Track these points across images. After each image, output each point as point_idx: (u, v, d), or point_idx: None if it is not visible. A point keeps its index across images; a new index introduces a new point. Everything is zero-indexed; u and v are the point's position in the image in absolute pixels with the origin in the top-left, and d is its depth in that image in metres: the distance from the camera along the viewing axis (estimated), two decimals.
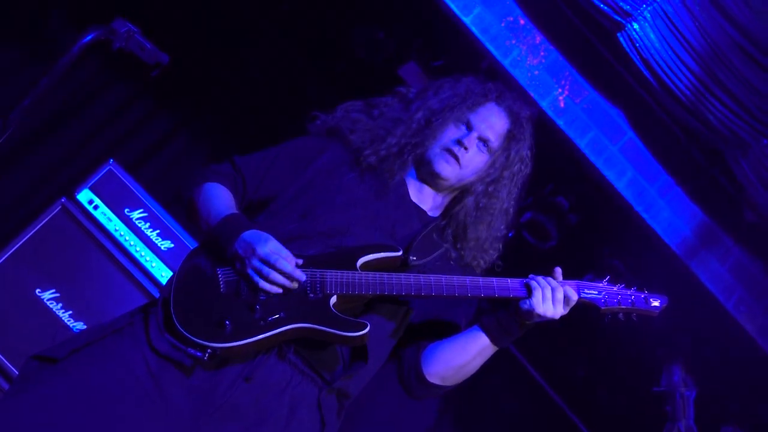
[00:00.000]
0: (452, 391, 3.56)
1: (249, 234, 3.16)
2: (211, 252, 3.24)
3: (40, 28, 5.57)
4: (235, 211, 3.31)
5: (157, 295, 3.24)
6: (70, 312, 5.33)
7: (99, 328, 3.24)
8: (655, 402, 5.77)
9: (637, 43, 5.10)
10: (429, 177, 3.54)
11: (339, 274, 3.18)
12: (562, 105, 5.44)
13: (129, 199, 5.54)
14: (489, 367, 3.52)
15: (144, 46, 3.50)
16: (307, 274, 3.15)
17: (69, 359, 3.09)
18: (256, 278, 3.10)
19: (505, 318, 3.33)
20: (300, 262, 3.16)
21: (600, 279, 3.42)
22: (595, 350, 5.82)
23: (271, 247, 3.11)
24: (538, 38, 5.45)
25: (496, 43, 5.38)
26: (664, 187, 5.55)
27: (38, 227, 5.38)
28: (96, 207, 5.46)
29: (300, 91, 6.11)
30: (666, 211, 5.55)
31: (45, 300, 5.31)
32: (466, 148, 3.50)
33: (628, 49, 5.15)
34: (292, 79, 6.27)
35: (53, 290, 5.33)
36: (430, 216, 3.56)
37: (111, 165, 5.53)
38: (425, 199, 3.58)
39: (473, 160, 3.54)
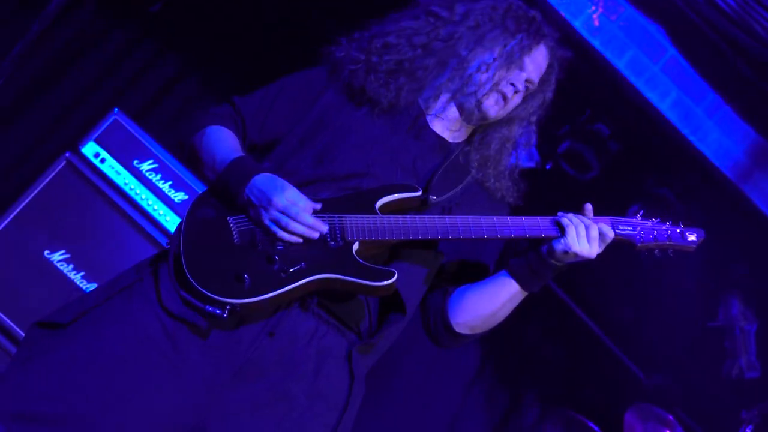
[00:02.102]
0: (492, 339, 3.52)
1: (261, 180, 3.10)
2: (220, 199, 3.19)
3: None
4: (241, 153, 3.25)
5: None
6: (83, 273, 5.32)
7: (105, 287, 3.20)
8: (712, 338, 5.75)
9: None
10: (467, 112, 3.47)
11: (358, 218, 3.14)
12: (596, 23, 5.37)
13: (137, 150, 5.50)
14: (531, 310, 3.53)
15: None
16: (325, 221, 3.10)
17: (76, 323, 3.06)
18: (274, 228, 3.05)
19: (536, 260, 3.27)
20: (318, 206, 3.11)
21: (647, 210, 3.39)
22: (643, 286, 5.78)
23: (289, 196, 3.05)
24: None
25: None
26: (711, 107, 5.50)
27: (42, 185, 5.36)
28: (103, 160, 5.43)
29: (314, 24, 6.02)
30: (715, 132, 5.49)
31: (55, 262, 5.30)
32: (517, 91, 3.46)
33: None
34: (305, 12, 6.17)
35: (63, 251, 5.32)
36: (451, 143, 3.50)
37: (116, 114, 5.48)
38: (447, 127, 3.51)
39: (516, 100, 3.50)
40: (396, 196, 3.24)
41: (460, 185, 3.40)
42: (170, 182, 5.49)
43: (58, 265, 5.29)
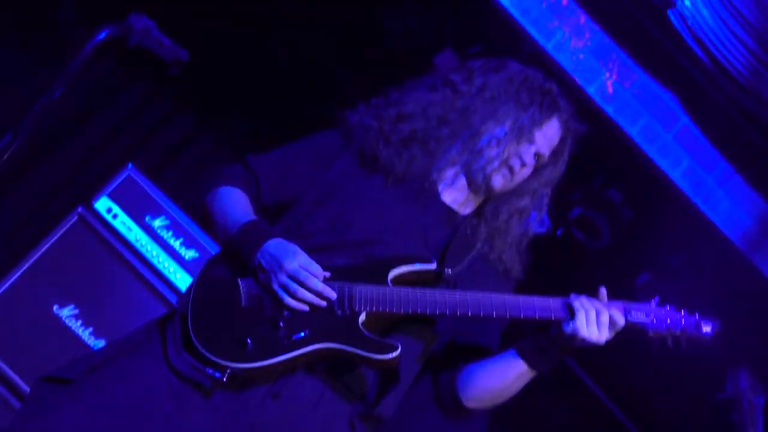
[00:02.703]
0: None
1: (273, 245, 3.13)
2: (232, 261, 3.21)
3: (49, 27, 5.56)
4: (253, 217, 3.28)
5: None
6: (91, 330, 5.32)
7: (115, 344, 3.24)
8: (720, 410, 5.70)
9: (689, 20, 5.03)
10: (475, 184, 3.48)
11: (369, 288, 3.14)
12: (610, 90, 5.38)
13: (150, 206, 5.53)
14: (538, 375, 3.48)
15: (162, 42, 3.45)
16: (335, 288, 3.11)
17: (84, 380, 3.09)
18: (282, 294, 3.07)
19: (544, 342, 3.27)
20: (328, 275, 3.13)
21: (656, 279, 3.37)
22: (651, 355, 5.77)
23: (300, 261, 3.08)
24: (582, 18, 5.37)
25: (538, 25, 5.32)
26: (722, 176, 5.48)
27: (54, 239, 5.38)
28: (115, 216, 5.45)
29: (331, 85, 6.07)
30: (725, 201, 5.47)
31: (63, 318, 5.31)
32: (524, 165, 3.47)
33: (679, 27, 5.07)
34: (321, 73, 6.24)
35: (72, 306, 5.33)
36: (460, 215, 3.52)
37: (130, 170, 5.52)
38: (457, 198, 3.53)
39: (524, 174, 3.51)
40: (410, 267, 3.24)
41: (466, 259, 3.39)
42: (181, 239, 5.50)
43: (67, 320, 5.29)
